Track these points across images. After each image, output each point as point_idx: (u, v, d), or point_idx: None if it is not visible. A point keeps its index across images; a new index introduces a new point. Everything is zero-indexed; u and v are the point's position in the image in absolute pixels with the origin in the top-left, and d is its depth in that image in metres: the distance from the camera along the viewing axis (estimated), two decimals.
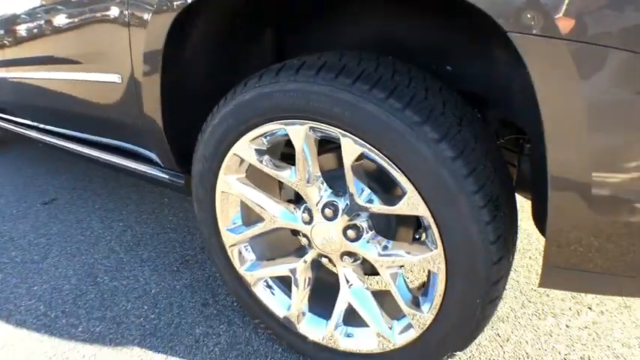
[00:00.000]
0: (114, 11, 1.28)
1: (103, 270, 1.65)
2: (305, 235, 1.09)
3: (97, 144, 1.73)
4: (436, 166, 0.79)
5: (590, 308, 1.38)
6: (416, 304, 0.97)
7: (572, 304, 1.40)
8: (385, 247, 0.98)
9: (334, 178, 1.02)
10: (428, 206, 0.83)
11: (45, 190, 2.42)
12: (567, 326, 1.31)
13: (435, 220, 0.83)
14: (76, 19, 1.48)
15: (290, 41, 1.39)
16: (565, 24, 0.65)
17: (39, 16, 1.70)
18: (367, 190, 0.95)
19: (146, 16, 1.15)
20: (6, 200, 2.34)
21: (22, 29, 1.83)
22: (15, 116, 2.29)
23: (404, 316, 1.01)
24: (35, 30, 1.75)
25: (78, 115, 1.71)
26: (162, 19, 1.11)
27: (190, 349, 1.25)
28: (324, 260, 1.11)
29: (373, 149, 0.85)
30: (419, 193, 0.83)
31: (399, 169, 0.84)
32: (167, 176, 1.44)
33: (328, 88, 0.86)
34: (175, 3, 1.06)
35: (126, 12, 1.23)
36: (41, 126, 2.07)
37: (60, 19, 1.56)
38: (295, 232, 1.18)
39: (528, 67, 0.68)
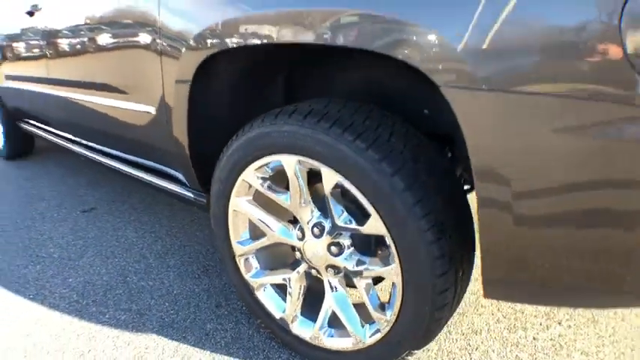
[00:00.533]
0: (149, 47, 1.54)
1: (132, 271, 1.91)
2: (299, 250, 1.30)
3: (132, 162, 2.01)
4: (390, 195, 1.00)
5: (559, 323, 1.53)
6: (382, 310, 1.17)
7: (543, 320, 1.55)
8: (360, 262, 1.18)
9: (323, 203, 1.24)
10: (386, 227, 1.03)
11: (85, 200, 2.73)
12: (534, 338, 1.46)
13: (392, 239, 1.04)
14: (115, 52, 1.76)
15: (297, 84, 1.63)
16: (478, 76, 0.83)
17: (83, 40, 1.98)
18: (345, 213, 1.16)
19: (178, 55, 1.41)
20: (48, 204, 2.65)
21: (66, 49, 2.13)
22: (59, 130, 2.61)
23: (374, 321, 1.20)
24: (79, 53, 2.04)
25: (115, 135, 1.99)
26: (193, 59, 1.35)
27: (200, 340, 1.48)
28: (314, 272, 1.32)
29: (345, 180, 1.07)
30: (379, 216, 1.03)
31: (364, 196, 1.05)
32: (191, 195, 1.69)
33: (311, 130, 1.08)
34: (210, 41, 1.29)
35: (160, 47, 1.49)
36: (82, 141, 2.38)
37: (100, 48, 1.85)
38: (293, 247, 1.40)
39: (455, 113, 0.88)
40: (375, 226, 1.06)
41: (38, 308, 1.67)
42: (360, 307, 1.26)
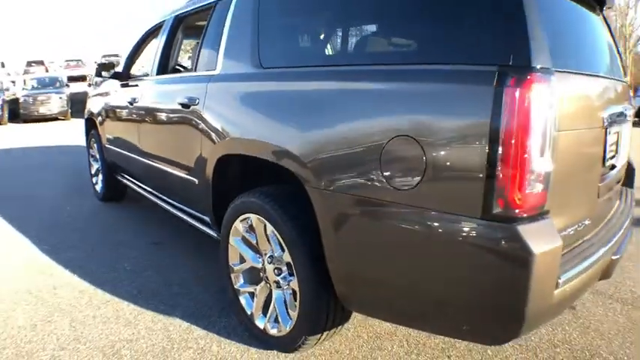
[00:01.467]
0: (195, 143, 2.54)
1: (176, 282, 2.87)
2: (263, 271, 2.18)
3: (181, 208, 3.02)
4: (293, 239, 1.87)
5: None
6: (293, 309, 2.01)
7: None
8: (286, 278, 2.04)
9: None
10: (291, 256, 1.90)
11: (155, 235, 3.79)
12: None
13: (293, 262, 1.90)
14: (177, 140, 2.80)
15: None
16: (323, 179, 1.69)
17: (159, 126, 3.09)
18: (279, 249, 2.04)
19: (209, 152, 2.39)
20: (126, 235, 3.74)
21: (149, 131, 3.26)
22: (140, 183, 3.74)
23: (291, 317, 2.04)
24: (155, 136, 3.15)
25: (174, 190, 3.04)
26: (215, 155, 2.33)
27: (207, 325, 2.38)
28: (269, 285, 2.18)
29: (275, 229, 1.96)
30: (287, 249, 1.91)
31: (282, 238, 1.93)
32: (214, 233, 2.64)
33: (260, 201, 2.00)
34: (223, 147, 2.27)
35: (201, 144, 2.49)
36: (153, 192, 3.47)
37: (168, 135, 2.92)
38: (259, 270, 2.26)
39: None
40: (287, 255, 1.93)
41: (109, 296, 2.67)
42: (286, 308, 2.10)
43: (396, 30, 1.86)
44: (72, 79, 19.72)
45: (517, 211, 1.29)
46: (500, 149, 1.26)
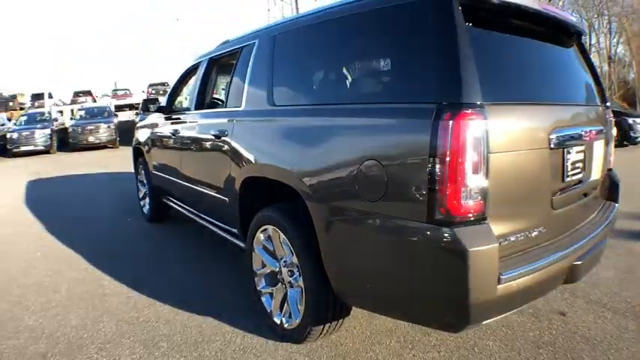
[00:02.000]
0: (225, 167, 3.00)
1: (214, 283, 3.30)
2: (279, 273, 2.58)
3: (214, 223, 3.47)
4: (299, 245, 2.27)
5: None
6: (302, 304, 2.39)
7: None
8: (297, 279, 2.43)
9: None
10: (297, 259, 2.30)
11: (191, 248, 4.26)
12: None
13: (299, 265, 2.29)
14: (212, 166, 3.27)
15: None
16: (316, 193, 2.09)
17: (197, 154, 3.58)
18: (290, 254, 2.43)
19: (236, 174, 2.84)
20: (167, 249, 4.23)
21: (188, 158, 3.78)
22: (178, 202, 4.24)
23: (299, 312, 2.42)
24: (193, 162, 3.66)
25: (209, 208, 3.51)
26: (241, 177, 2.78)
27: (233, 322, 2.78)
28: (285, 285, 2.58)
29: (286, 238, 2.37)
30: (295, 254, 2.31)
31: (291, 244, 2.33)
32: (242, 243, 3.07)
33: (275, 215, 2.42)
34: (248, 169, 2.72)
35: (230, 168, 2.94)
36: (192, 210, 3.95)
37: (204, 162, 3.40)
38: (277, 272, 2.65)
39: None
40: (295, 258, 2.33)
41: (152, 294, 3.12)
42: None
43: (368, 77, 2.37)
44: (119, 108, 20.93)
45: (456, 217, 1.66)
46: (439, 169, 1.65)
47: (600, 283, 3.23)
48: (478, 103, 1.68)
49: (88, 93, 28.50)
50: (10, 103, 27.48)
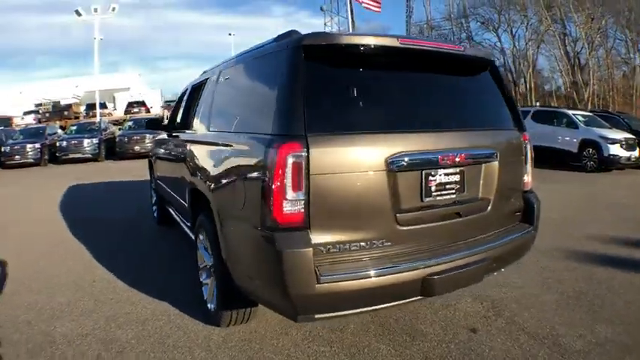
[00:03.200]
0: (186, 178, 3.62)
1: (180, 283, 3.91)
2: (212, 267, 3.14)
3: (186, 224, 4.10)
4: (212, 240, 2.84)
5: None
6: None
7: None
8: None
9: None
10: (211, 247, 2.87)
11: (182, 245, 4.90)
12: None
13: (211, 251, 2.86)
14: (177, 179, 3.90)
15: None
16: (214, 201, 2.65)
17: (170, 167, 4.22)
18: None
19: (188, 183, 3.46)
20: (161, 246, 4.88)
21: (168, 170, 4.41)
22: (168, 207, 4.91)
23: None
24: (168, 173, 4.29)
25: (181, 212, 4.13)
26: (190, 186, 3.40)
27: (181, 306, 3.37)
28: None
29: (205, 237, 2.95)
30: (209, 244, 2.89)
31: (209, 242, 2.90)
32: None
33: (202, 218, 3.01)
34: (191, 180, 3.33)
35: (186, 178, 3.57)
36: (175, 213, 4.60)
37: (174, 175, 4.03)
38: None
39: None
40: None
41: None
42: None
43: (247, 110, 2.83)
44: None
45: (280, 225, 2.13)
46: (268, 186, 2.14)
47: (536, 305, 3.30)
48: (301, 134, 2.12)
49: (142, 104, 30.06)
50: (65, 112, 29.29)
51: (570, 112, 13.40)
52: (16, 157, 16.49)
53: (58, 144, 17.53)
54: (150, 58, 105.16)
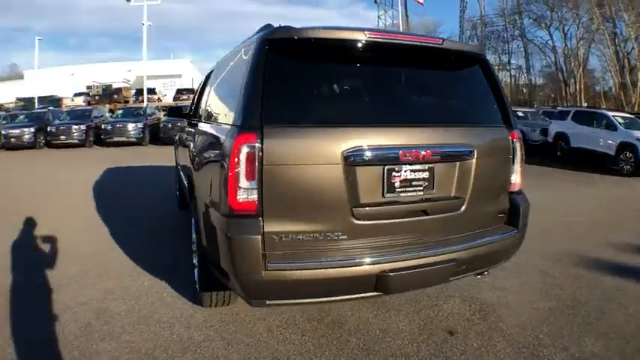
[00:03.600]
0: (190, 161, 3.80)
1: (180, 264, 4.11)
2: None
3: None
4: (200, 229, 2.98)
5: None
6: None
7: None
8: None
9: None
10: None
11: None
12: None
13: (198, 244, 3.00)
14: (186, 164, 4.09)
15: None
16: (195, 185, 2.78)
17: (184, 152, 4.42)
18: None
19: (189, 169, 3.64)
20: (177, 225, 5.11)
21: (183, 156, 4.62)
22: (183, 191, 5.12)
23: None
24: (184, 157, 4.49)
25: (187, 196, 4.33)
26: (190, 171, 3.57)
27: (175, 286, 3.55)
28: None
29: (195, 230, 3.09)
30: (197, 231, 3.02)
31: (197, 228, 3.04)
32: None
33: (194, 203, 3.15)
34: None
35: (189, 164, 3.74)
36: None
37: (187, 159, 4.22)
38: None
39: None
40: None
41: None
42: None
43: (224, 101, 2.99)
44: None
45: (234, 211, 2.21)
46: (225, 175, 2.23)
47: (527, 312, 3.19)
48: (256, 126, 2.19)
49: (191, 91, 30.57)
50: (115, 96, 30.18)
51: (610, 113, 12.63)
52: (62, 137, 17.36)
53: (103, 127, 18.09)
54: (203, 46, 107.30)
